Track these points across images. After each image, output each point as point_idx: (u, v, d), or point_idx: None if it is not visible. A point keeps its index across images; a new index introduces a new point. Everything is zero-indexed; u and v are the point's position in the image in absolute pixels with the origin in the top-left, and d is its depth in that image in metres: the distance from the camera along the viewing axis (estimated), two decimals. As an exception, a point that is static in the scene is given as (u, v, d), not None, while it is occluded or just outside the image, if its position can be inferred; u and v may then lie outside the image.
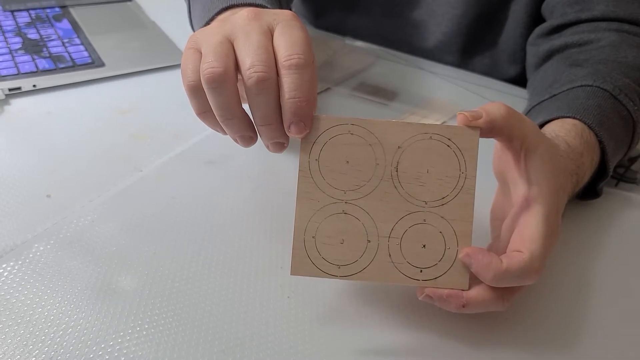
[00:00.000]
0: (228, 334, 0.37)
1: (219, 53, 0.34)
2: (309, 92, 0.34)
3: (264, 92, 0.34)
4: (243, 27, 0.36)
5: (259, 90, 0.34)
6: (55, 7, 0.80)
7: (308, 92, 0.34)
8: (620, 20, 0.55)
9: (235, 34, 0.36)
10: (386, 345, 0.37)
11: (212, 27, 0.38)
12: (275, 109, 0.34)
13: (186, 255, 0.42)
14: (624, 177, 0.52)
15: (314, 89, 0.35)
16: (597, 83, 0.48)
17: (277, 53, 0.34)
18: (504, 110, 0.34)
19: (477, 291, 0.34)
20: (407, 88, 0.65)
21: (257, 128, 0.36)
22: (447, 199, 0.35)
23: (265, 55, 0.34)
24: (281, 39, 0.35)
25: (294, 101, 0.33)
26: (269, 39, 0.35)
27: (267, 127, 0.35)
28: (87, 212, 0.46)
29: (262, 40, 0.35)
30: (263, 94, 0.34)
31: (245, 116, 0.37)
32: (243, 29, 0.35)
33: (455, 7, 0.68)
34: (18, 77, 0.63)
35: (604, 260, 0.44)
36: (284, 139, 0.36)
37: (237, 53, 0.35)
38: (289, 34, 0.35)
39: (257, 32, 0.35)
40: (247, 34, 0.35)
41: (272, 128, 0.35)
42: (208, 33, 0.37)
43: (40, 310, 0.38)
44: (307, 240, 0.35)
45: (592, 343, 0.37)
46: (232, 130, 0.37)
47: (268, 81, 0.33)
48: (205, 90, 0.35)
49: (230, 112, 0.35)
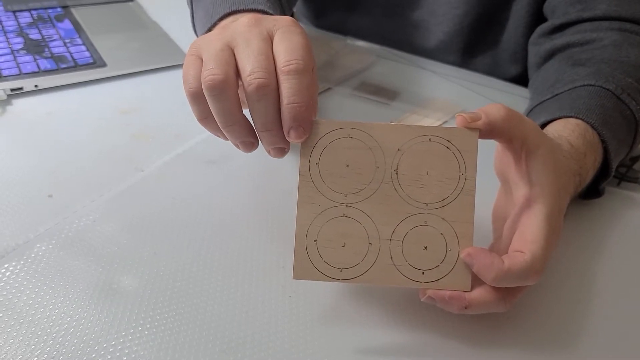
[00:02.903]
0: (229, 334, 0.37)
1: (219, 60, 0.35)
2: (308, 97, 0.34)
3: (264, 98, 0.34)
4: (243, 33, 0.36)
5: (259, 96, 0.34)
6: (57, 7, 0.80)
7: (307, 97, 0.34)
8: (622, 19, 0.55)
9: (235, 40, 0.36)
10: (388, 345, 0.37)
11: (214, 33, 0.38)
12: (276, 115, 0.34)
13: (187, 255, 0.42)
14: (625, 177, 0.52)
15: (314, 94, 0.35)
16: (599, 83, 0.48)
17: (276, 59, 0.35)
18: (503, 111, 0.34)
19: (479, 292, 0.34)
20: (409, 88, 0.65)
21: (258, 134, 0.36)
22: (448, 200, 0.35)
23: (265, 61, 0.34)
24: (281, 45, 0.35)
25: (292, 106, 0.33)
26: (269, 45, 0.35)
27: (268, 133, 0.35)
28: (89, 212, 0.46)
29: (262, 47, 0.35)
30: (263, 100, 0.34)
31: (246, 122, 0.37)
32: (243, 35, 0.36)
33: (457, 7, 0.68)
34: (20, 77, 0.63)
35: (605, 260, 0.44)
36: (285, 144, 0.36)
37: (238, 60, 0.35)
38: (289, 39, 0.35)
39: (258, 38, 0.35)
40: (247, 40, 0.35)
41: (272, 134, 0.35)
42: (209, 40, 0.37)
43: (42, 310, 0.38)
44: (308, 244, 0.35)
45: (595, 343, 0.37)
46: (233, 136, 0.37)
47: (268, 87, 0.34)
48: (206, 97, 0.35)
49: (231, 118, 0.36)
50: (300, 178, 0.35)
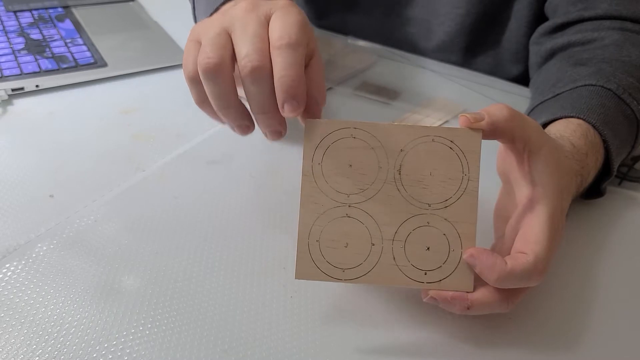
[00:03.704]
0: (231, 334, 0.37)
1: (216, 44, 0.35)
2: (300, 71, 0.34)
3: (259, 80, 0.34)
4: (241, 18, 0.36)
5: (254, 79, 0.34)
6: (57, 7, 0.80)
7: (299, 70, 0.34)
8: (623, 18, 0.55)
9: (233, 25, 0.36)
10: (390, 345, 0.37)
11: (212, 19, 0.39)
12: (271, 97, 0.35)
13: (189, 255, 0.42)
14: (627, 176, 0.52)
15: (318, 72, 0.36)
16: (600, 82, 0.48)
17: (270, 38, 0.35)
18: (506, 112, 0.34)
19: (482, 293, 0.34)
20: (410, 87, 0.65)
21: (254, 116, 0.37)
22: (451, 201, 0.34)
23: (260, 44, 0.35)
24: (275, 24, 0.36)
25: (284, 80, 0.34)
26: (265, 29, 0.36)
27: (264, 116, 0.36)
28: (90, 212, 0.46)
29: (257, 30, 0.35)
30: (258, 83, 0.34)
31: (241, 105, 0.37)
32: (241, 20, 0.36)
33: (458, 7, 0.68)
34: (21, 77, 0.63)
35: (607, 260, 0.44)
36: (282, 127, 0.37)
37: (234, 44, 0.36)
38: (283, 19, 0.36)
39: (254, 22, 0.36)
40: (244, 25, 0.36)
41: (268, 116, 0.36)
42: (208, 25, 0.38)
43: (43, 310, 0.38)
44: (311, 244, 0.35)
45: (597, 344, 0.37)
46: (229, 119, 0.38)
47: (262, 70, 0.34)
48: (201, 80, 0.36)
49: (226, 101, 0.36)
50: (303, 178, 0.35)
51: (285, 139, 0.54)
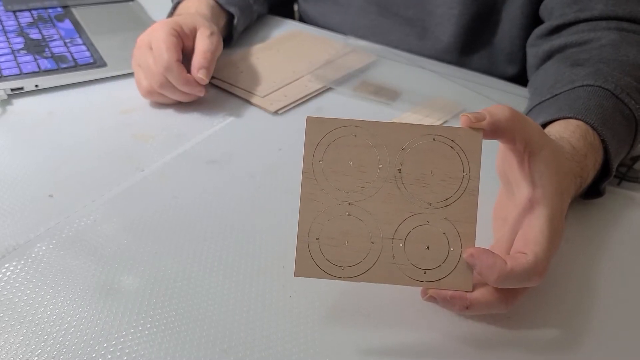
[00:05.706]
0: (230, 333, 0.37)
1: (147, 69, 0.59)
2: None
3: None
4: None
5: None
6: (57, 7, 0.80)
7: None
8: (619, 18, 0.55)
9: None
10: (389, 344, 0.37)
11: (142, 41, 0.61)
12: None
13: (188, 255, 0.42)
14: (626, 176, 0.52)
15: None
16: (598, 82, 0.48)
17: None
18: (507, 112, 0.34)
19: (481, 292, 0.34)
20: (409, 87, 0.65)
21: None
22: (451, 200, 0.34)
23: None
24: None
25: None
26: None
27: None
28: (90, 212, 0.46)
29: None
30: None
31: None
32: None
33: (453, 7, 0.68)
34: (20, 77, 0.63)
35: (606, 260, 0.44)
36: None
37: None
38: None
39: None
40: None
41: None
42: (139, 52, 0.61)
43: (42, 310, 0.38)
44: (310, 241, 0.35)
45: (596, 344, 0.37)
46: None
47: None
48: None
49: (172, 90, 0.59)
50: (304, 175, 0.35)
51: (285, 139, 0.54)
